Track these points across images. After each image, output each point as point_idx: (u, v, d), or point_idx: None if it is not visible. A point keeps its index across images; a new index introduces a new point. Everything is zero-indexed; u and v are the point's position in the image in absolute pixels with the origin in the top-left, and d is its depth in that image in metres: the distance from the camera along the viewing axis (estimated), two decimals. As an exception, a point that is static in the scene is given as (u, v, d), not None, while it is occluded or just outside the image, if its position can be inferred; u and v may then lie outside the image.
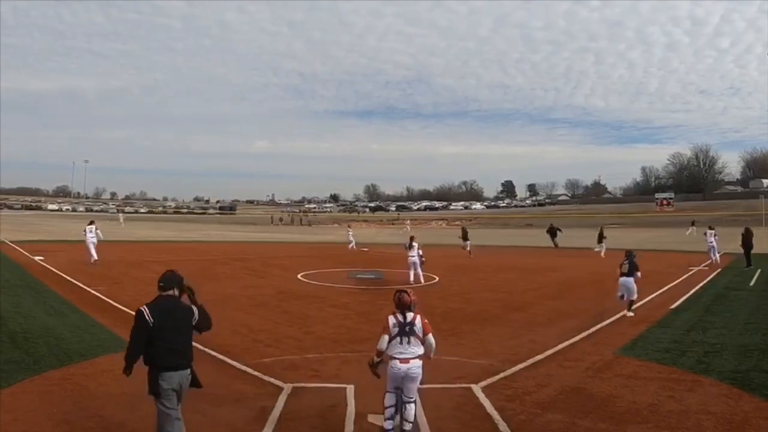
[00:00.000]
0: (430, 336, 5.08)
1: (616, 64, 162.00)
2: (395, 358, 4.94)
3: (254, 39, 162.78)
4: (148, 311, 4.38)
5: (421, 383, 5.12)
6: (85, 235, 20.12)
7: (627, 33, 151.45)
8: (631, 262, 11.14)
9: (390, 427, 5.00)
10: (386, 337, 4.99)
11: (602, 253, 24.98)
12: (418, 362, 4.97)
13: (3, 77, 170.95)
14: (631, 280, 10.97)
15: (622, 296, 11.12)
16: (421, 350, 5.01)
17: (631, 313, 10.86)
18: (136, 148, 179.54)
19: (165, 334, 4.37)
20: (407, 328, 4.98)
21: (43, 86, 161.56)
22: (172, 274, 4.64)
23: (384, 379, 5.10)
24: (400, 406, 5.04)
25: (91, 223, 21.04)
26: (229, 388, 6.32)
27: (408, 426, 5.00)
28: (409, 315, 5.04)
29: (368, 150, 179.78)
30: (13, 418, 5.23)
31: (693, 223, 38.37)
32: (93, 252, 19.77)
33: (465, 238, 27.22)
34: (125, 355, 4.47)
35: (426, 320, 5.15)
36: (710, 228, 22.41)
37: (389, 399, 5.03)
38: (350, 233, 32.74)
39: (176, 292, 4.60)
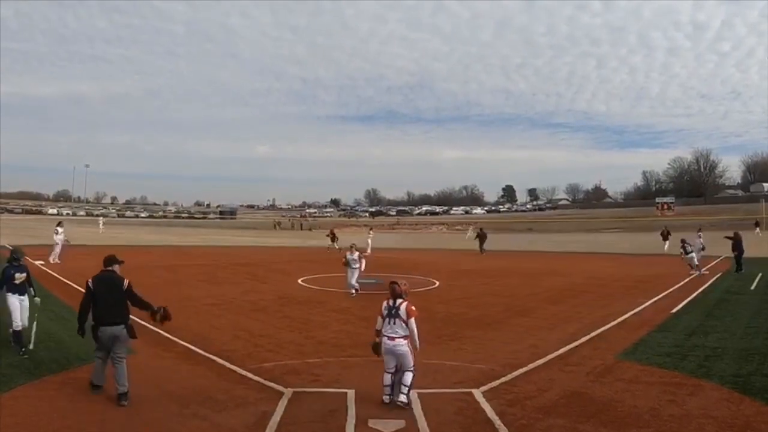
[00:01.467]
0: (412, 321, 6.00)
1: (617, 69, 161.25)
2: (385, 336, 6.02)
3: (257, 43, 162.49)
4: (91, 281, 6.13)
5: (413, 368, 6.00)
6: (55, 235, 21.46)
7: (629, 37, 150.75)
8: (690, 245, 18.91)
9: (388, 401, 5.91)
10: (380, 319, 6.10)
11: (665, 248, 29.38)
12: (403, 341, 5.97)
13: (5, 81, 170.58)
14: (693, 255, 18.41)
15: (691, 266, 18.39)
16: (405, 331, 5.97)
17: (706, 271, 18.08)
18: (138, 153, 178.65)
19: (101, 298, 6.03)
20: (393, 311, 6.04)
21: (46, 90, 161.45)
22: (113, 256, 6.39)
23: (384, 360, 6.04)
24: (397, 378, 5.96)
25: (59, 224, 22.63)
26: (230, 393, 6.32)
27: (404, 389, 5.88)
28: (398, 301, 6.08)
29: (369, 155, 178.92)
30: (14, 422, 5.24)
31: (757, 224, 37.03)
32: (56, 253, 20.90)
33: (333, 239, 32.32)
34: (77, 317, 6.14)
35: (412, 307, 6.08)
36: (698, 230, 23.62)
37: (387, 379, 6.00)
38: (370, 238, 31.21)
39: (116, 269, 6.28)
